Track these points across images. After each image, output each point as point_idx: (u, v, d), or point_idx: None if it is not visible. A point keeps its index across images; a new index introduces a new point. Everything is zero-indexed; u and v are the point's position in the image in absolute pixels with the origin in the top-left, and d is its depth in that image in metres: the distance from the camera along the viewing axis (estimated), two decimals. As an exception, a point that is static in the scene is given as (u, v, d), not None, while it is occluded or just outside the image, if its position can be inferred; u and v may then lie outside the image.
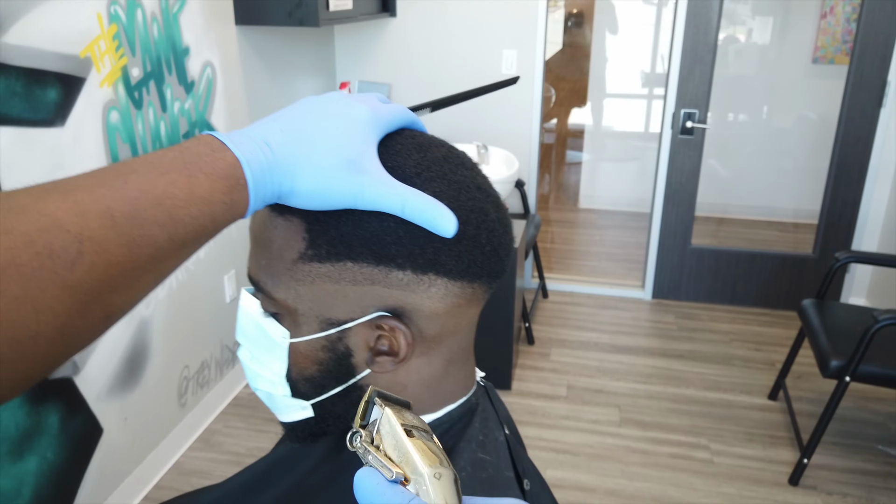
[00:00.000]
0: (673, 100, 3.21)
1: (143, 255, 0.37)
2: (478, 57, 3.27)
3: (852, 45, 3.05)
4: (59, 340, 0.34)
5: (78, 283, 0.34)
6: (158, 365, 2.19)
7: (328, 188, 0.44)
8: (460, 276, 0.50)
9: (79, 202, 0.35)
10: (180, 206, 0.38)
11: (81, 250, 0.34)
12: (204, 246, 0.43)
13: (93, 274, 0.35)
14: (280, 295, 0.51)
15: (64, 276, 0.33)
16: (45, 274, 0.33)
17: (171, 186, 0.38)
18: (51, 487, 1.78)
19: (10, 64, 1.55)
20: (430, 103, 0.58)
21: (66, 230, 0.34)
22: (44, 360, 0.34)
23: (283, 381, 0.54)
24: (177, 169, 0.39)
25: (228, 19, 2.44)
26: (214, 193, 0.40)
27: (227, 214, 0.41)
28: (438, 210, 0.46)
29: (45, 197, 0.35)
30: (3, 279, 0.32)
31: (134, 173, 0.38)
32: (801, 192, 4.14)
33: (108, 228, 0.35)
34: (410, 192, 0.46)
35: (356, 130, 0.46)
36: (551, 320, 3.34)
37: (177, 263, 0.41)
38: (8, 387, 0.33)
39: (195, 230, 0.39)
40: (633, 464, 2.34)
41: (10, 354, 0.32)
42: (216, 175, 0.40)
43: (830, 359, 2.17)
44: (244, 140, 0.43)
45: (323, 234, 0.48)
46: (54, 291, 0.33)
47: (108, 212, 0.36)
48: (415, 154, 0.50)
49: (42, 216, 0.34)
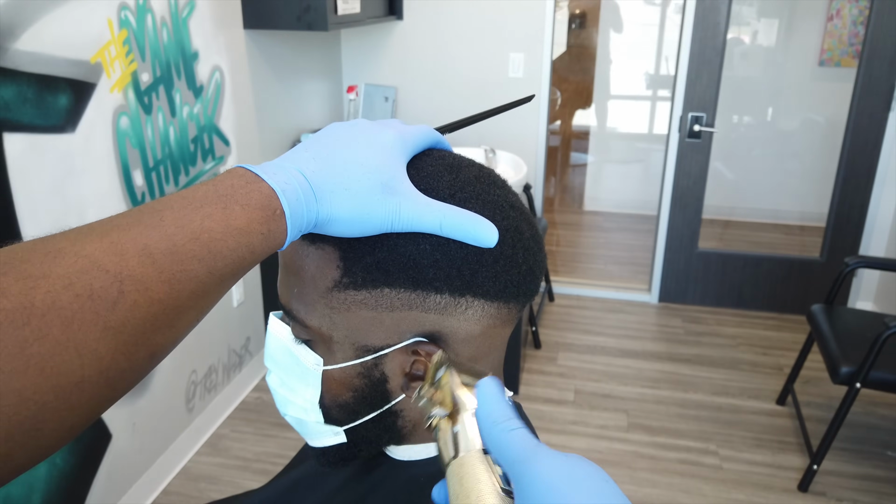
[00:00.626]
0: (680, 103, 3.20)
1: (184, 291, 0.37)
2: (484, 60, 3.27)
3: (860, 47, 3.05)
4: (103, 384, 0.34)
5: (120, 324, 0.33)
6: (166, 370, 2.19)
7: (365, 213, 0.44)
8: (497, 296, 0.50)
9: (116, 242, 0.35)
10: (218, 239, 0.38)
11: (122, 290, 0.34)
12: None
13: (135, 313, 0.34)
14: (314, 322, 0.51)
15: (106, 317, 0.33)
16: (87, 316, 0.32)
17: (208, 220, 0.38)
18: (60, 493, 1.78)
19: (21, 70, 1.55)
20: (446, 126, 0.58)
21: (105, 270, 0.33)
22: (88, 406, 0.33)
23: (315, 408, 0.54)
24: (211, 202, 0.39)
25: (237, 23, 2.44)
26: (251, 224, 0.39)
27: (264, 245, 0.41)
28: (478, 222, 0.47)
29: (82, 239, 0.35)
30: (45, 323, 0.31)
31: (169, 209, 0.38)
32: (808, 195, 4.14)
33: (148, 266, 0.35)
34: (447, 208, 0.46)
35: (386, 154, 0.46)
36: (558, 324, 3.33)
37: (216, 298, 0.40)
38: (54, 437, 0.32)
39: (234, 262, 0.39)
40: (642, 469, 2.34)
41: (55, 403, 0.31)
42: (252, 206, 0.40)
43: (841, 365, 2.16)
44: (277, 170, 0.42)
45: (358, 261, 0.48)
46: (97, 333, 0.32)
47: (145, 249, 0.35)
48: (447, 175, 0.50)
49: (80, 258, 0.33)
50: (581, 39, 5.30)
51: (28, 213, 1.59)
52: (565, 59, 5.28)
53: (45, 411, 0.31)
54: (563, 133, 5.52)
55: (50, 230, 0.35)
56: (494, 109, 0.63)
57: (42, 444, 0.32)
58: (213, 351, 2.46)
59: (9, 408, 0.30)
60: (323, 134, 0.47)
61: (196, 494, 2.19)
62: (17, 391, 0.30)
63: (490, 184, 0.51)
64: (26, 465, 0.32)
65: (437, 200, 0.47)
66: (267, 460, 2.35)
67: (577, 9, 5.24)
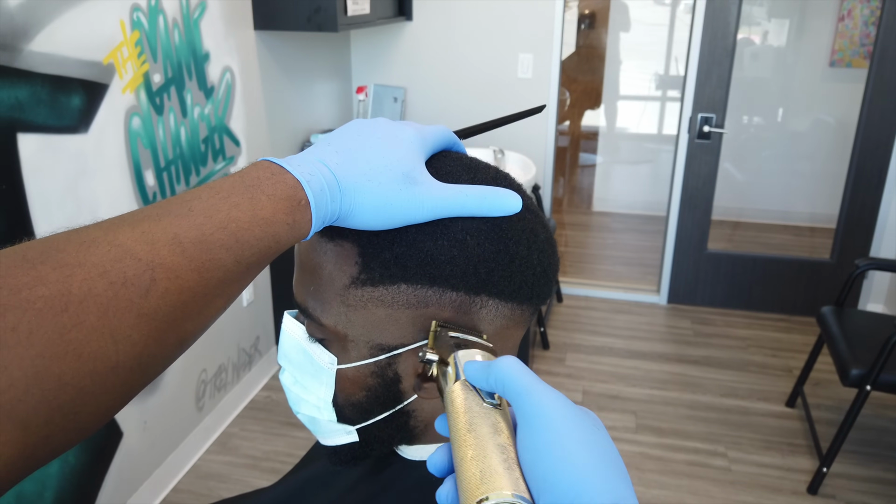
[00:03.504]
0: (690, 103, 3.19)
1: (213, 280, 0.38)
2: (494, 61, 3.27)
3: (871, 48, 3.03)
4: (136, 369, 0.35)
5: (153, 311, 0.35)
6: (177, 369, 2.20)
7: (389, 203, 0.45)
8: (511, 297, 0.50)
9: (147, 231, 0.36)
10: (244, 229, 0.39)
11: (154, 277, 0.35)
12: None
13: (166, 300, 0.35)
14: (329, 321, 0.51)
15: (139, 305, 0.34)
16: (122, 303, 0.33)
17: (235, 210, 0.39)
18: (72, 490, 1.80)
19: (35, 71, 1.56)
20: (460, 132, 0.59)
21: (137, 259, 0.34)
22: (123, 390, 0.35)
23: (328, 407, 0.54)
24: (238, 193, 0.40)
25: (247, 24, 2.45)
26: (277, 214, 0.40)
27: (289, 235, 0.41)
28: (498, 192, 0.48)
29: (115, 229, 0.36)
30: (82, 311, 0.32)
31: (197, 199, 0.39)
32: (818, 196, 4.11)
33: (178, 255, 0.36)
34: (467, 187, 0.48)
35: (406, 148, 0.47)
36: (566, 325, 3.33)
37: (242, 287, 0.41)
38: (90, 420, 0.34)
39: (259, 252, 0.40)
40: (650, 471, 2.33)
41: (92, 387, 0.32)
42: (277, 197, 0.41)
43: (851, 367, 2.15)
44: (301, 162, 0.43)
45: (376, 256, 0.48)
46: (131, 320, 0.34)
47: (175, 238, 0.36)
48: (465, 176, 0.51)
49: (114, 247, 0.34)
50: (590, 40, 5.29)
51: (41, 212, 1.61)
52: (574, 59, 5.27)
53: (82, 395, 0.32)
54: (572, 134, 5.51)
55: (64, 229, 0.36)
56: (506, 118, 0.63)
57: (80, 427, 0.33)
58: (223, 350, 2.47)
59: (49, 392, 0.31)
60: (345, 129, 0.48)
61: (206, 492, 2.20)
62: (56, 376, 0.31)
63: (507, 185, 0.52)
64: (64, 447, 0.33)
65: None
66: (276, 459, 2.37)
67: (586, 9, 5.23)
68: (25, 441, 0.31)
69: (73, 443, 0.34)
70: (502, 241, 0.49)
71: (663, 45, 4.70)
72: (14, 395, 0.30)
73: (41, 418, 0.31)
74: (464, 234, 0.48)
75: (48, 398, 0.31)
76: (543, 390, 0.36)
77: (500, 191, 0.48)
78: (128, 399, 0.36)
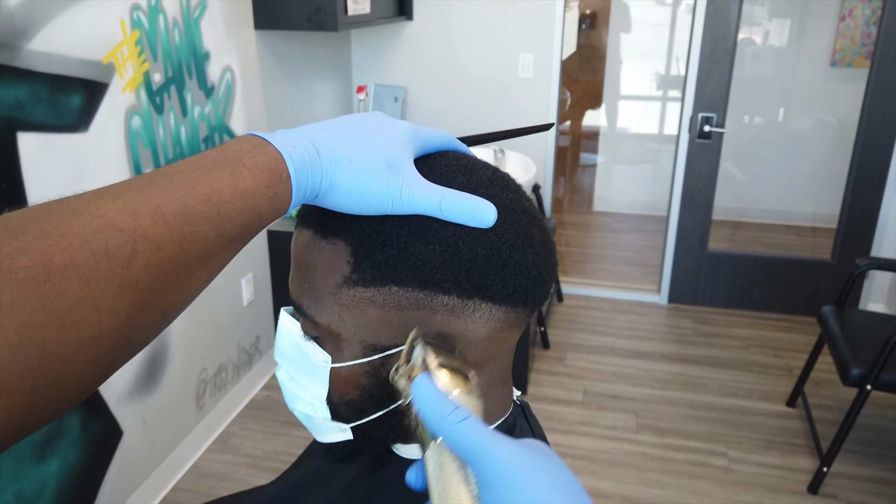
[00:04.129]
0: (690, 103, 3.19)
1: (194, 252, 0.38)
2: (494, 60, 3.27)
3: (872, 48, 3.03)
4: (120, 340, 0.35)
5: (135, 281, 0.35)
6: (177, 368, 2.21)
7: (367, 186, 0.45)
8: (505, 300, 0.50)
9: (129, 203, 0.36)
10: (226, 202, 0.39)
11: (136, 248, 0.35)
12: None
13: (148, 271, 0.35)
14: (323, 319, 0.51)
15: (121, 275, 0.34)
16: (104, 273, 0.33)
17: (217, 182, 0.39)
18: (72, 489, 1.80)
19: (35, 70, 1.57)
20: (465, 139, 0.59)
21: (119, 229, 0.35)
22: (107, 360, 0.35)
23: (322, 405, 0.54)
24: (220, 166, 0.40)
25: (248, 24, 2.45)
26: (258, 187, 0.40)
27: (270, 208, 0.42)
28: (476, 202, 0.47)
29: (97, 200, 0.36)
30: (64, 280, 0.32)
31: (179, 173, 0.39)
32: (819, 196, 4.11)
33: (160, 226, 0.36)
34: (447, 190, 0.47)
35: (395, 138, 0.47)
36: (566, 324, 3.33)
37: (225, 260, 0.41)
38: (75, 390, 0.34)
39: (241, 225, 0.40)
40: (651, 470, 2.33)
41: (76, 356, 0.33)
42: (259, 169, 0.41)
43: (851, 367, 2.15)
44: (286, 136, 0.44)
45: (368, 257, 0.48)
46: (113, 290, 0.34)
47: (157, 210, 0.36)
48: (461, 176, 0.50)
49: (95, 217, 0.34)
50: (591, 40, 5.29)
51: (41, 211, 1.61)
52: (575, 59, 5.27)
53: (67, 364, 0.32)
54: (573, 133, 5.51)
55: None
56: (513, 131, 0.63)
57: (64, 397, 0.33)
58: (223, 349, 2.47)
59: (33, 361, 0.31)
60: (340, 117, 0.49)
61: (205, 491, 2.21)
62: (40, 345, 0.31)
63: (503, 187, 0.52)
64: (50, 417, 0.33)
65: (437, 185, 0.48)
66: (276, 458, 2.37)
67: (586, 9, 5.23)
68: (11, 410, 0.31)
69: (58, 413, 0.34)
70: (495, 245, 0.48)
71: (664, 44, 4.70)
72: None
73: (26, 387, 0.31)
74: (456, 238, 0.48)
75: (32, 367, 0.31)
76: (497, 447, 0.36)
77: (477, 202, 0.47)
78: (112, 370, 0.36)
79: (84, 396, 0.35)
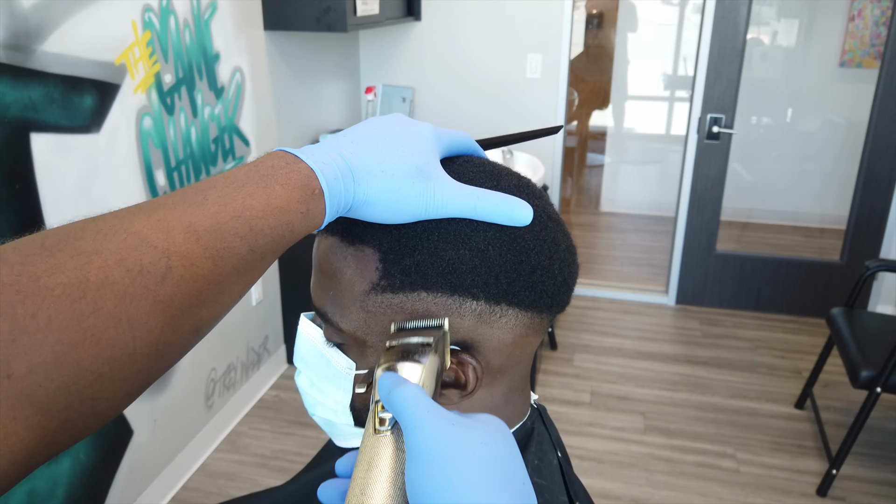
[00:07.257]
0: (699, 104, 3.18)
1: (227, 268, 0.38)
2: (502, 60, 3.27)
3: (882, 48, 3.01)
4: (153, 356, 0.35)
5: (169, 298, 0.35)
6: (186, 368, 2.21)
7: (401, 195, 0.45)
8: (531, 306, 0.50)
9: (163, 220, 0.36)
10: (259, 217, 0.39)
11: (170, 265, 0.35)
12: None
13: (182, 288, 0.35)
14: (348, 326, 0.51)
15: (155, 292, 0.34)
16: (138, 290, 0.34)
17: (249, 198, 0.39)
18: (83, 488, 1.81)
19: (48, 71, 1.58)
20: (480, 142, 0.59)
21: (153, 246, 0.35)
22: (140, 376, 0.35)
23: (345, 411, 0.54)
24: (253, 182, 0.40)
25: (257, 25, 2.46)
26: (290, 203, 0.41)
27: (303, 224, 0.42)
28: (513, 201, 0.47)
29: (131, 217, 0.36)
30: (99, 298, 0.32)
31: (212, 188, 0.39)
32: (828, 197, 4.10)
33: (193, 243, 0.36)
34: (480, 191, 0.47)
35: (421, 143, 0.47)
36: (574, 325, 3.33)
37: (257, 275, 0.41)
38: (108, 406, 0.34)
39: (273, 240, 0.40)
40: (659, 472, 2.33)
41: (110, 373, 0.33)
42: (291, 185, 0.41)
43: (861, 369, 2.14)
44: (316, 152, 0.43)
45: (397, 263, 0.48)
46: (147, 307, 0.34)
47: (190, 226, 0.37)
48: (488, 182, 0.50)
49: (130, 235, 0.35)
50: (598, 40, 5.28)
51: (54, 211, 1.62)
52: (582, 59, 5.26)
53: (101, 381, 0.33)
54: (580, 134, 5.50)
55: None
56: (524, 135, 0.64)
57: (98, 413, 0.34)
58: (232, 349, 2.48)
59: (68, 377, 0.31)
60: (361, 123, 0.49)
61: (215, 491, 2.21)
62: (75, 362, 0.31)
63: (529, 193, 0.52)
64: (84, 433, 0.34)
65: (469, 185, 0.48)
66: (284, 458, 2.37)
67: (594, 9, 5.22)
68: (46, 426, 0.31)
69: (91, 429, 0.34)
70: (524, 251, 0.48)
71: (672, 45, 4.69)
72: (34, 380, 0.30)
73: (61, 403, 0.31)
74: (486, 243, 0.47)
75: (67, 384, 0.31)
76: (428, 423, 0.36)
77: (515, 201, 0.48)
78: (145, 386, 0.36)
79: (117, 413, 0.35)
